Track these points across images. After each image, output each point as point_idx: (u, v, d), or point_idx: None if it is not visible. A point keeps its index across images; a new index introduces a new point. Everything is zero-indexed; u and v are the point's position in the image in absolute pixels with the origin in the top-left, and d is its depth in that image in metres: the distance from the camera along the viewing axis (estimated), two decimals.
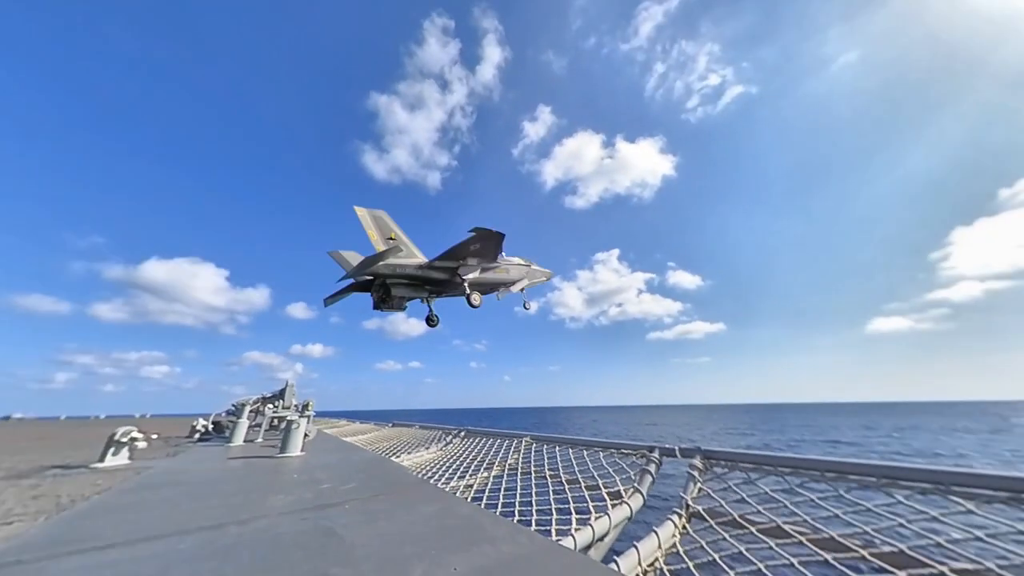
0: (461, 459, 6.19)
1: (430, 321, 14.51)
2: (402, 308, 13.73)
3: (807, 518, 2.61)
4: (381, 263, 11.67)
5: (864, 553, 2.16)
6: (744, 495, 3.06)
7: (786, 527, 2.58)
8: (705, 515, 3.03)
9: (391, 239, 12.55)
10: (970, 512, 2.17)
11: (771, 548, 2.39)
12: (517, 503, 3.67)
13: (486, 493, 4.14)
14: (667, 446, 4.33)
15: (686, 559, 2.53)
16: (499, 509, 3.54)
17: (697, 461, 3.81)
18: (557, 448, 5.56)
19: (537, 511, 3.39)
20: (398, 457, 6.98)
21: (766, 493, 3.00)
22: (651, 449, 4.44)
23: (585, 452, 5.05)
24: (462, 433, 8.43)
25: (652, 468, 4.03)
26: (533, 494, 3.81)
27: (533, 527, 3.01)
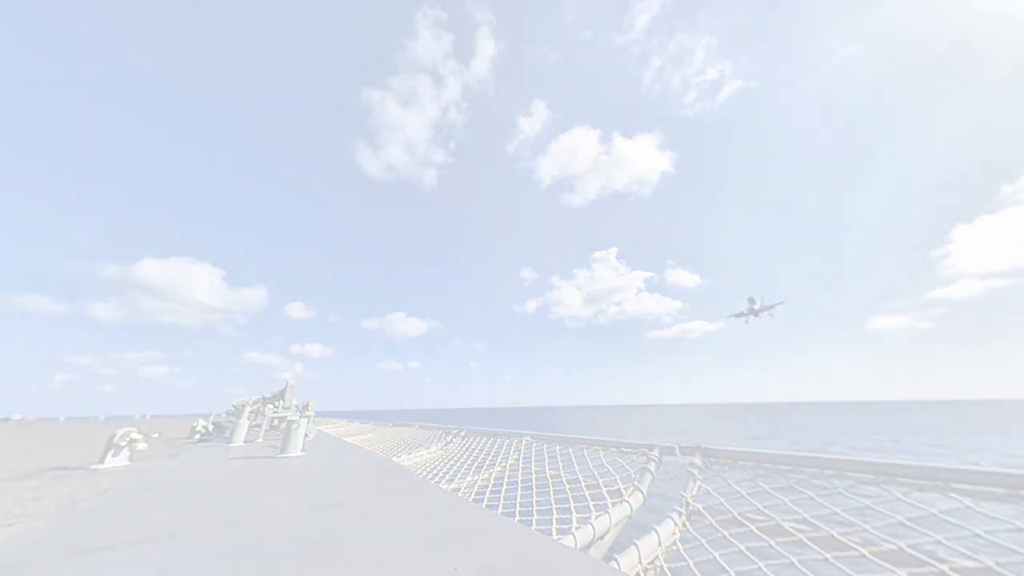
0: (461, 459, 6.19)
1: (747, 321, 75.03)
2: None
3: (807, 516, 2.61)
4: (757, 310, 72.52)
5: (864, 551, 2.17)
6: (744, 493, 3.07)
7: (786, 525, 2.58)
8: (705, 513, 3.03)
9: (751, 300, 73.04)
10: (968, 508, 2.17)
11: (771, 546, 2.39)
12: (517, 503, 3.67)
13: (486, 493, 4.14)
14: (667, 444, 4.33)
15: (686, 557, 2.53)
16: (499, 509, 3.54)
17: (697, 459, 3.81)
18: (557, 447, 5.56)
19: (537, 510, 3.39)
20: (398, 457, 6.98)
21: (766, 491, 3.00)
22: (651, 448, 4.45)
23: (585, 451, 5.05)
24: (462, 433, 8.42)
25: (652, 466, 4.04)
26: (533, 493, 3.81)
27: (534, 526, 3.02)
